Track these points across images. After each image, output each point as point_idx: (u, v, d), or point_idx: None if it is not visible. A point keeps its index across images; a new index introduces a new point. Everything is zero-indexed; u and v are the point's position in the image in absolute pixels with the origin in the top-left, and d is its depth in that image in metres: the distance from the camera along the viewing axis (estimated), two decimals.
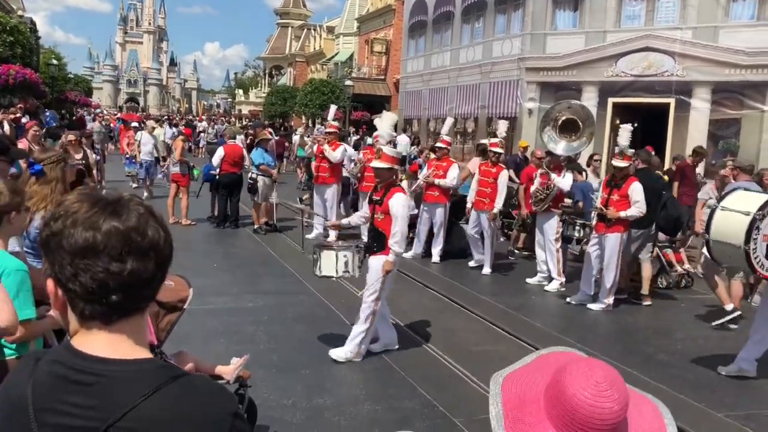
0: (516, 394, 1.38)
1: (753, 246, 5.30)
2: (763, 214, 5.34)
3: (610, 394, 1.25)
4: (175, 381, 1.15)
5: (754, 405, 5.45)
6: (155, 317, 3.67)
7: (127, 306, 1.17)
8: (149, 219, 1.19)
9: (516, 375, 1.43)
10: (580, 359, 1.35)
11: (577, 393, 1.26)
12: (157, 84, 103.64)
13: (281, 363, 5.76)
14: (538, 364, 1.43)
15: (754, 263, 5.34)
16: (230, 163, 12.13)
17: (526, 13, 19.45)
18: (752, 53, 15.18)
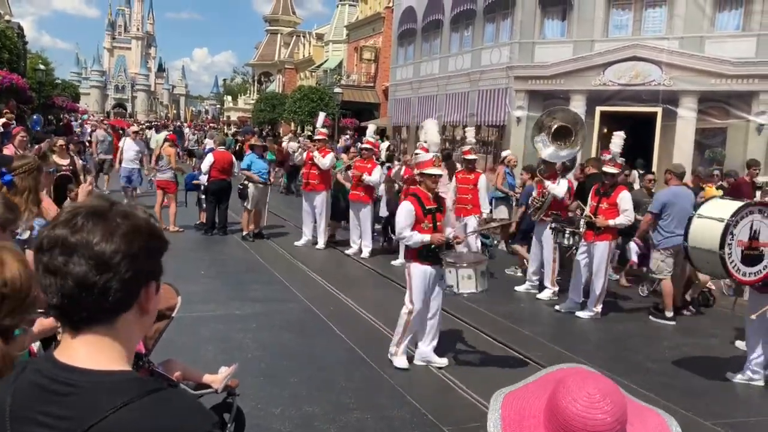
0: (516, 410, 1.38)
1: (728, 251, 5.40)
2: (736, 220, 5.45)
3: (602, 406, 1.24)
4: (149, 395, 1.12)
5: (740, 413, 5.49)
6: None
7: (78, 315, 1.15)
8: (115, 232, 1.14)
9: (518, 393, 1.44)
10: (578, 372, 1.35)
11: (570, 405, 1.26)
12: (145, 90, 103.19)
13: (270, 371, 5.73)
14: (541, 382, 1.43)
15: (730, 268, 5.44)
16: (219, 169, 12.09)
17: (514, 22, 19.55)
18: (737, 63, 15.33)
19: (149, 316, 1.23)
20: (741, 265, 5.52)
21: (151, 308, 1.22)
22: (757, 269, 5.57)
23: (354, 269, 10.43)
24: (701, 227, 5.67)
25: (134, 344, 1.25)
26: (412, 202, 5.93)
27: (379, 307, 8.01)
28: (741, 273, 5.54)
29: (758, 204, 5.77)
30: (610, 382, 1.31)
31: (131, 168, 14.74)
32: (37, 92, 29.05)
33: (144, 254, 1.17)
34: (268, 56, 63.32)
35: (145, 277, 1.19)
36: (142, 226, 1.19)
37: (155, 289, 1.23)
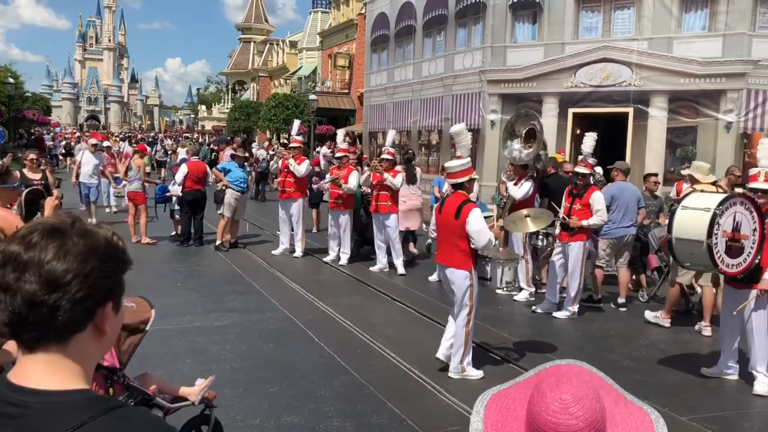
0: (500, 412, 1.37)
1: (715, 241, 5.45)
2: (722, 210, 5.51)
3: (573, 411, 1.24)
4: (108, 414, 1.10)
5: (715, 407, 5.57)
6: (117, 340, 3.61)
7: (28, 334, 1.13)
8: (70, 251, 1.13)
9: (504, 393, 1.42)
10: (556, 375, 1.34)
11: (542, 410, 1.26)
12: (118, 101, 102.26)
13: (248, 382, 5.70)
14: (529, 382, 1.41)
15: (716, 258, 5.49)
16: (194, 180, 12.00)
17: (486, 27, 19.68)
18: (705, 63, 15.58)
19: (108, 337, 1.21)
20: (725, 256, 5.59)
21: (108, 329, 1.20)
22: (739, 261, 5.65)
23: (332, 277, 10.41)
24: (686, 218, 5.71)
25: (92, 364, 1.23)
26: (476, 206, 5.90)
27: (357, 314, 8.01)
28: (725, 264, 5.60)
29: (740, 196, 5.86)
30: (587, 385, 1.29)
31: (90, 183, 14.20)
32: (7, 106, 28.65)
33: (98, 274, 1.15)
34: (241, 64, 63.13)
35: (101, 297, 1.17)
36: (100, 245, 1.17)
37: (115, 310, 1.22)
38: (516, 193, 8.75)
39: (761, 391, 5.77)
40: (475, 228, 5.68)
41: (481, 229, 5.70)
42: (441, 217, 6.04)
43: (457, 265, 5.85)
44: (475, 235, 5.69)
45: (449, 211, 5.88)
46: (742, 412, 5.55)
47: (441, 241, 6.11)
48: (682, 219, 5.75)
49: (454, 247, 5.85)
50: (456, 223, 5.77)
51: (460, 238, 5.79)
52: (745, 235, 5.63)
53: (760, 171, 5.99)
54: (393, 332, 7.37)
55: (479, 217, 5.76)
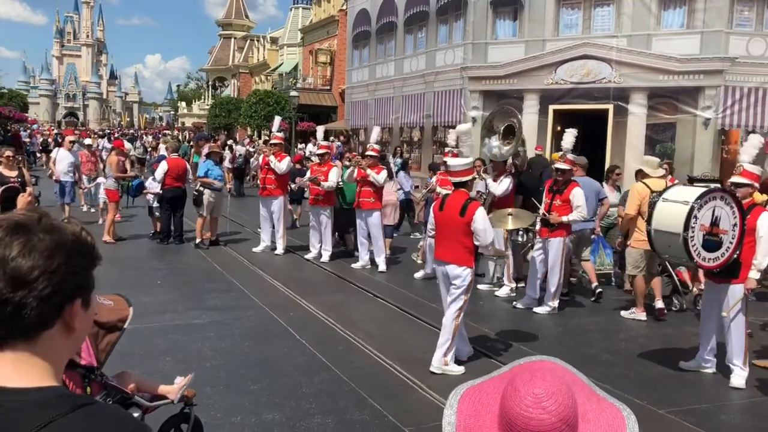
0: (474, 404, 1.37)
1: (691, 234, 5.53)
2: (701, 204, 5.58)
3: (546, 406, 1.24)
4: (75, 411, 1.08)
5: (692, 400, 5.63)
6: (94, 338, 3.56)
7: None
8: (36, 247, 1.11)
9: (479, 387, 1.42)
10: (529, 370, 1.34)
11: (514, 404, 1.26)
12: (96, 98, 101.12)
13: (229, 380, 5.67)
14: (505, 376, 1.41)
15: (692, 251, 5.57)
16: (173, 177, 11.91)
17: (467, 23, 19.73)
18: (683, 60, 15.75)
19: (77, 334, 1.19)
20: (702, 250, 5.66)
21: (77, 326, 1.18)
22: (716, 255, 5.72)
23: (314, 274, 10.39)
24: (665, 210, 5.80)
25: (62, 362, 1.21)
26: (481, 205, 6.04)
27: (339, 311, 8.01)
28: (701, 257, 5.68)
29: (720, 190, 5.92)
30: (560, 380, 1.29)
31: (65, 181, 13.77)
32: None
33: (66, 270, 1.13)
34: (222, 61, 62.73)
35: (69, 294, 1.15)
36: (68, 241, 1.15)
37: (84, 306, 1.20)
38: (496, 190, 8.83)
39: (738, 384, 5.85)
40: (481, 226, 5.82)
41: (487, 227, 5.87)
42: (442, 215, 6.09)
43: (460, 262, 5.94)
44: (481, 233, 5.83)
45: (453, 209, 5.96)
46: (719, 405, 5.62)
47: (442, 238, 6.12)
48: (661, 211, 5.84)
49: (458, 244, 5.93)
50: (461, 221, 5.86)
51: (465, 235, 5.88)
52: (724, 229, 5.70)
53: (739, 166, 6.08)
54: (374, 329, 7.38)
55: (485, 216, 5.91)
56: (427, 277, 9.92)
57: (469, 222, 5.82)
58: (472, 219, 5.81)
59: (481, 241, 5.86)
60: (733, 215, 5.73)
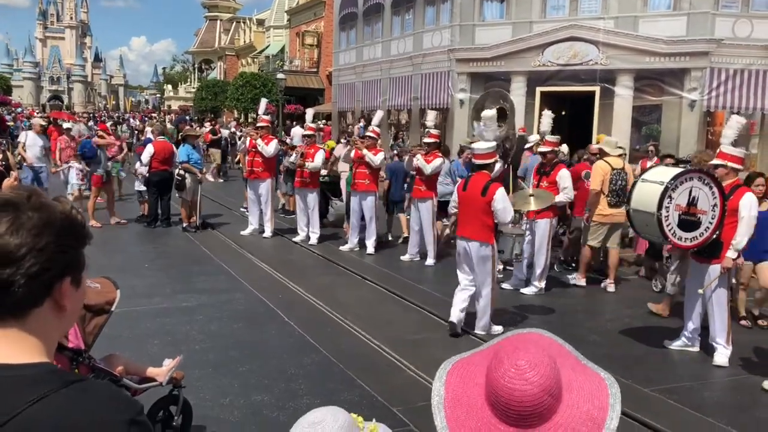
0: (462, 377, 1.40)
1: (665, 213, 5.61)
2: (675, 184, 5.66)
3: (529, 377, 1.26)
4: (67, 387, 1.09)
5: (676, 378, 5.72)
6: (81, 321, 3.57)
7: None
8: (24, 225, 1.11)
9: (468, 360, 1.45)
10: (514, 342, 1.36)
11: (499, 376, 1.29)
12: (81, 81, 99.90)
13: (217, 362, 5.69)
14: (492, 348, 1.43)
15: (666, 230, 5.66)
16: (160, 160, 11.85)
17: (454, 5, 19.63)
18: (670, 42, 15.77)
19: (68, 313, 1.20)
20: (678, 229, 5.72)
21: (68, 304, 1.18)
22: (693, 235, 5.79)
23: (302, 256, 10.40)
24: (643, 190, 5.89)
25: (53, 340, 1.21)
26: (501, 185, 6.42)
27: (328, 293, 8.03)
28: (677, 237, 5.75)
29: (698, 172, 5.97)
30: (543, 352, 1.32)
31: (38, 167, 12.82)
32: None
33: (54, 249, 1.13)
34: (208, 43, 62.18)
35: (58, 272, 1.15)
36: (56, 219, 1.15)
37: (74, 285, 1.20)
38: None
39: (720, 362, 5.94)
40: (500, 206, 6.22)
41: (507, 207, 6.27)
42: (465, 195, 6.47)
43: (482, 239, 6.36)
44: (500, 212, 6.24)
45: (475, 189, 6.36)
46: (702, 383, 5.71)
47: (465, 216, 6.51)
48: (639, 192, 5.93)
49: (480, 221, 6.33)
50: (482, 200, 6.26)
51: (485, 213, 6.28)
52: (703, 210, 5.76)
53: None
54: (363, 311, 7.41)
55: (505, 196, 6.32)
56: (413, 258, 9.98)
57: (490, 201, 6.21)
58: (493, 198, 6.20)
59: (501, 219, 6.28)
60: (713, 196, 5.78)
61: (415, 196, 9.87)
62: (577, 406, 1.32)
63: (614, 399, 1.35)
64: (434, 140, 9.90)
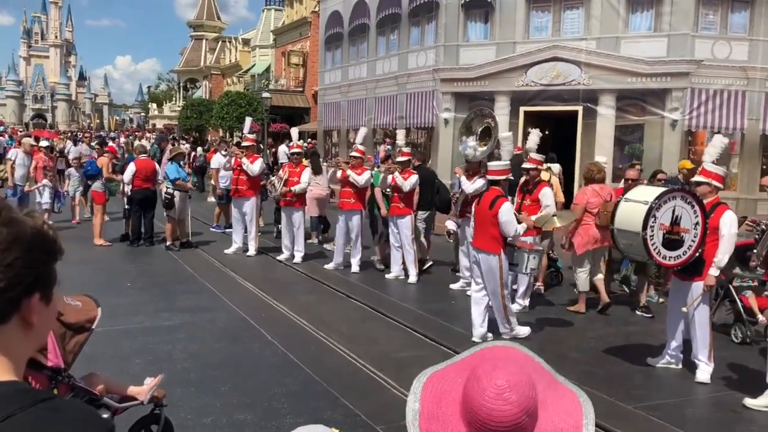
0: (436, 391, 1.38)
1: (650, 233, 5.65)
2: (659, 204, 5.71)
3: (507, 397, 1.25)
4: (36, 405, 1.06)
5: (659, 395, 5.74)
6: (62, 339, 3.52)
7: None
8: None
9: (443, 373, 1.43)
10: (491, 360, 1.36)
11: (476, 395, 1.28)
12: (65, 99, 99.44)
13: (199, 381, 5.64)
14: (468, 362, 1.41)
15: (651, 249, 5.70)
16: (142, 178, 11.79)
17: (438, 25, 19.83)
18: (651, 62, 16.02)
19: (37, 330, 1.17)
20: (662, 248, 5.77)
21: (36, 321, 1.16)
22: (677, 254, 5.83)
23: (286, 275, 10.36)
24: (626, 210, 5.93)
25: (22, 357, 1.18)
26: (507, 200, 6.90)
27: (312, 312, 8.00)
28: (662, 256, 5.79)
29: (680, 191, 6.04)
30: (522, 370, 1.31)
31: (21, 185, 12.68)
32: None
33: (23, 264, 1.11)
34: (193, 62, 62.24)
35: (25, 288, 1.13)
36: (26, 234, 1.13)
37: (44, 301, 1.18)
38: (468, 188, 8.89)
39: (703, 379, 5.97)
40: (503, 219, 6.68)
41: (509, 220, 6.70)
42: (478, 208, 7.02)
43: (489, 249, 6.83)
44: (503, 225, 6.69)
45: (485, 203, 6.88)
46: (685, 399, 5.74)
47: (477, 228, 7.05)
48: (622, 211, 5.97)
49: (488, 233, 6.82)
50: (490, 213, 6.76)
51: (493, 225, 6.76)
52: (686, 228, 5.81)
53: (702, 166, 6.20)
54: (347, 329, 7.39)
55: (510, 210, 6.78)
56: (397, 276, 9.97)
57: (496, 214, 6.69)
58: (498, 212, 6.68)
59: (504, 231, 6.71)
60: (695, 214, 5.85)
61: (393, 214, 9.89)
62: (552, 424, 1.32)
63: (587, 417, 1.35)
64: (407, 158, 9.95)
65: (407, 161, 9.96)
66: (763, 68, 15.87)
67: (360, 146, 10.67)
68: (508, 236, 6.76)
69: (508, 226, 6.68)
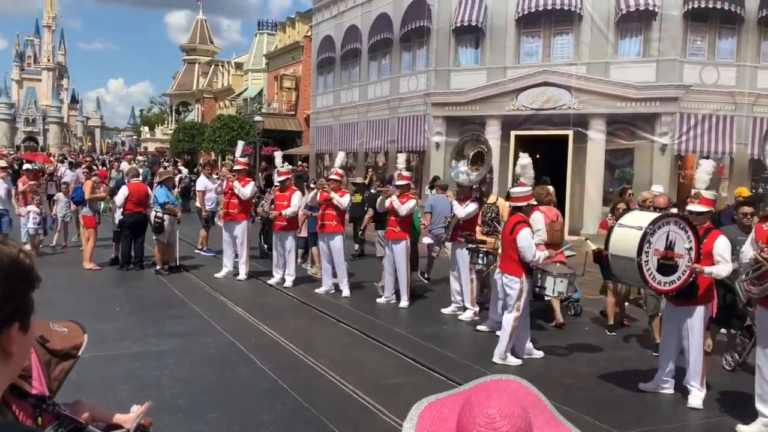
0: (432, 420, 1.36)
1: (645, 258, 5.65)
2: (654, 229, 5.71)
3: (498, 427, 1.23)
4: None
5: (651, 421, 5.70)
6: (47, 366, 3.47)
7: None
8: None
9: (441, 403, 1.41)
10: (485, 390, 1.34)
11: (468, 423, 1.26)
12: (57, 122, 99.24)
13: (188, 407, 5.56)
14: (463, 395, 1.39)
15: (646, 275, 5.68)
16: (134, 202, 11.74)
17: (430, 50, 20.00)
18: (640, 87, 16.18)
19: (15, 359, 1.16)
20: (657, 274, 5.76)
21: (15, 351, 1.14)
22: (672, 279, 5.83)
23: (276, 299, 10.29)
24: (621, 236, 5.92)
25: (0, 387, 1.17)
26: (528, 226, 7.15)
27: (302, 337, 7.93)
28: (657, 281, 5.78)
29: (674, 216, 6.05)
30: (516, 402, 1.29)
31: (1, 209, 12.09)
32: None
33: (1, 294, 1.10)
34: (186, 85, 62.40)
35: (5, 318, 1.11)
36: (4, 264, 1.11)
37: (22, 331, 1.16)
38: (460, 212, 8.92)
39: (695, 404, 5.94)
40: (521, 244, 6.99)
41: (527, 245, 6.97)
42: (503, 232, 7.41)
43: (510, 272, 7.16)
44: (521, 249, 6.99)
45: (508, 228, 7.27)
46: (677, 425, 5.70)
47: (502, 252, 7.41)
48: (617, 237, 5.96)
49: (510, 257, 7.14)
50: (510, 238, 7.09)
51: (513, 249, 7.08)
52: (679, 254, 5.81)
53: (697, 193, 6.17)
54: (337, 354, 7.32)
55: (528, 236, 7.03)
56: (389, 301, 9.92)
57: (515, 239, 6.99)
58: (516, 237, 7.00)
59: (522, 256, 6.99)
60: (688, 239, 5.85)
61: (389, 238, 9.87)
62: None
63: None
64: (406, 182, 9.97)
65: (406, 185, 9.97)
66: (751, 93, 16.06)
67: (339, 169, 10.70)
68: (525, 260, 7.01)
69: (526, 251, 6.95)
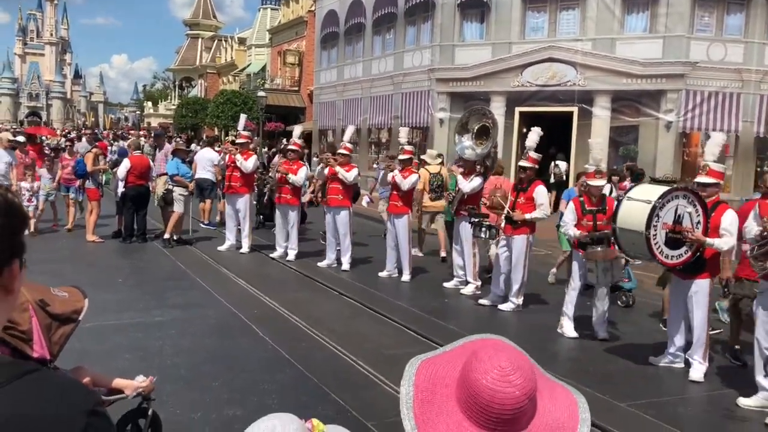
0: (429, 377, 1.35)
1: (653, 232, 5.62)
2: (663, 203, 5.68)
3: (512, 380, 1.23)
4: (22, 378, 1.03)
5: (652, 394, 5.71)
6: (48, 330, 3.48)
7: None
8: None
9: (435, 360, 1.40)
10: (493, 344, 1.34)
11: (480, 377, 1.24)
12: (60, 97, 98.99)
13: (190, 376, 5.58)
14: (459, 351, 1.39)
15: (654, 249, 5.67)
16: (137, 175, 11.72)
17: (434, 25, 19.83)
18: (646, 63, 16.04)
19: (14, 296, 1.16)
20: (664, 248, 5.75)
21: (16, 287, 1.14)
22: (679, 253, 5.81)
23: (279, 272, 10.31)
24: (629, 209, 5.89)
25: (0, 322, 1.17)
26: (575, 203, 7.32)
27: (304, 309, 7.95)
28: (664, 255, 5.77)
29: (683, 189, 6.00)
30: (523, 355, 1.29)
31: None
32: None
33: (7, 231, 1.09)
34: (189, 61, 62.14)
35: (7, 255, 1.11)
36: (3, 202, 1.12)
37: (20, 267, 1.16)
38: (465, 187, 8.86)
39: (696, 378, 5.94)
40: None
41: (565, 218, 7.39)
42: None
43: None
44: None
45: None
46: (678, 398, 5.71)
47: None
48: (625, 210, 5.92)
49: None
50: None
51: None
52: (687, 227, 5.78)
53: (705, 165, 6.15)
54: (339, 326, 7.34)
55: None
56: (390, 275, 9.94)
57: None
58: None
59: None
60: (697, 213, 5.82)
61: (392, 212, 9.85)
62: (550, 414, 1.30)
63: (584, 409, 1.34)
64: (409, 156, 9.93)
65: (409, 159, 9.93)
66: (758, 70, 15.91)
67: (348, 144, 10.64)
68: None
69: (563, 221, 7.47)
